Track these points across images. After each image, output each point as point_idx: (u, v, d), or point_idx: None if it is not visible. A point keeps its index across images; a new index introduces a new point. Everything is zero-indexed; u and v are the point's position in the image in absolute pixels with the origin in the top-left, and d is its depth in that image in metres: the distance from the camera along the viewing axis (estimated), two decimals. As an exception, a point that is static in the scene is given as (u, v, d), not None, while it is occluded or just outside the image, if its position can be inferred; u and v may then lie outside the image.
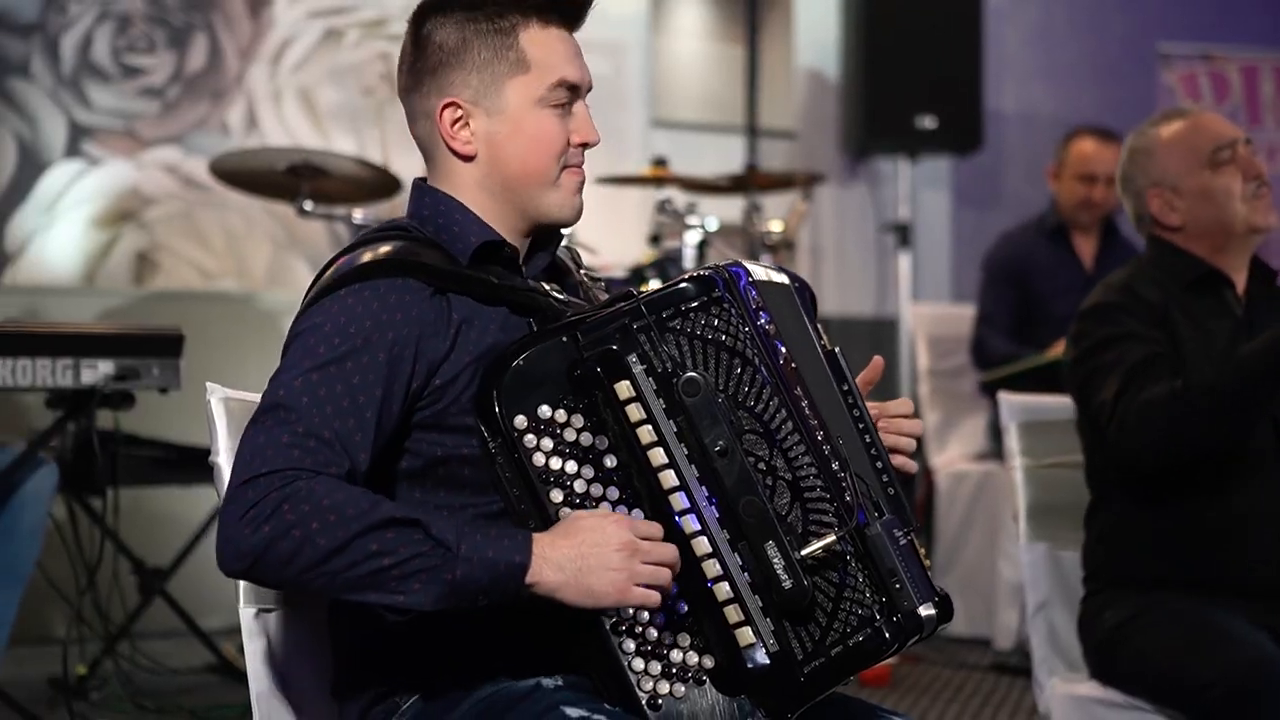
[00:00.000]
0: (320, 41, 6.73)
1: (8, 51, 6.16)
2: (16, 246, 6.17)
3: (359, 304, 2.05)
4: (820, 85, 7.50)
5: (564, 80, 2.18)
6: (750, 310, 2.07)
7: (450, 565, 1.93)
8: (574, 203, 2.22)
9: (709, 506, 2.02)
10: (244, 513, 1.92)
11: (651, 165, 4.72)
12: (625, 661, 2.02)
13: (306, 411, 1.98)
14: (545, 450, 2.02)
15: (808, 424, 2.06)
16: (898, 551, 2.07)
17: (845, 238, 7.59)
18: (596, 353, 2.03)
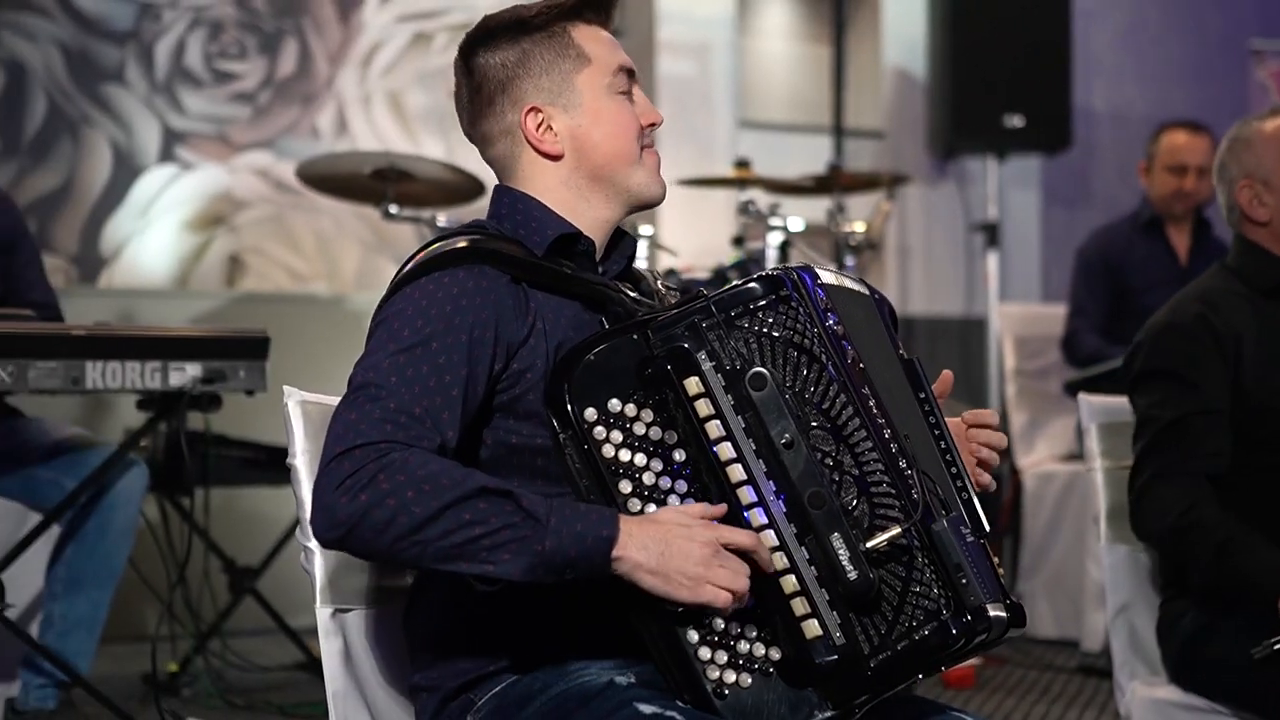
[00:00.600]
0: (409, 45, 6.80)
1: (103, 59, 6.27)
2: (112, 250, 6.28)
3: (439, 289, 2.11)
4: (908, 84, 7.48)
5: (622, 66, 2.27)
6: (818, 310, 2.10)
7: (540, 536, 1.96)
8: (659, 180, 2.30)
9: (776, 500, 2.04)
10: (340, 482, 1.96)
11: (735, 166, 4.72)
12: (692, 651, 2.03)
13: (396, 390, 2.03)
14: (615, 443, 2.05)
15: (874, 422, 2.07)
16: (965, 548, 2.07)
17: (933, 238, 7.56)
18: (666, 350, 2.06)
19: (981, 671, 4.97)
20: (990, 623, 2.06)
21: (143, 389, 3.55)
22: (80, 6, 6.23)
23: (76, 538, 3.77)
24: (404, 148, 6.63)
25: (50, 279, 6.04)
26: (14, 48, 6.12)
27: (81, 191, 6.24)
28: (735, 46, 7.27)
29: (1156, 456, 3.15)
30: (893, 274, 7.55)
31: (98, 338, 3.50)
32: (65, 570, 3.77)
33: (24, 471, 3.83)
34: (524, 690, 2.15)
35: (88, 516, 3.77)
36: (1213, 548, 3.01)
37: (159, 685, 3.78)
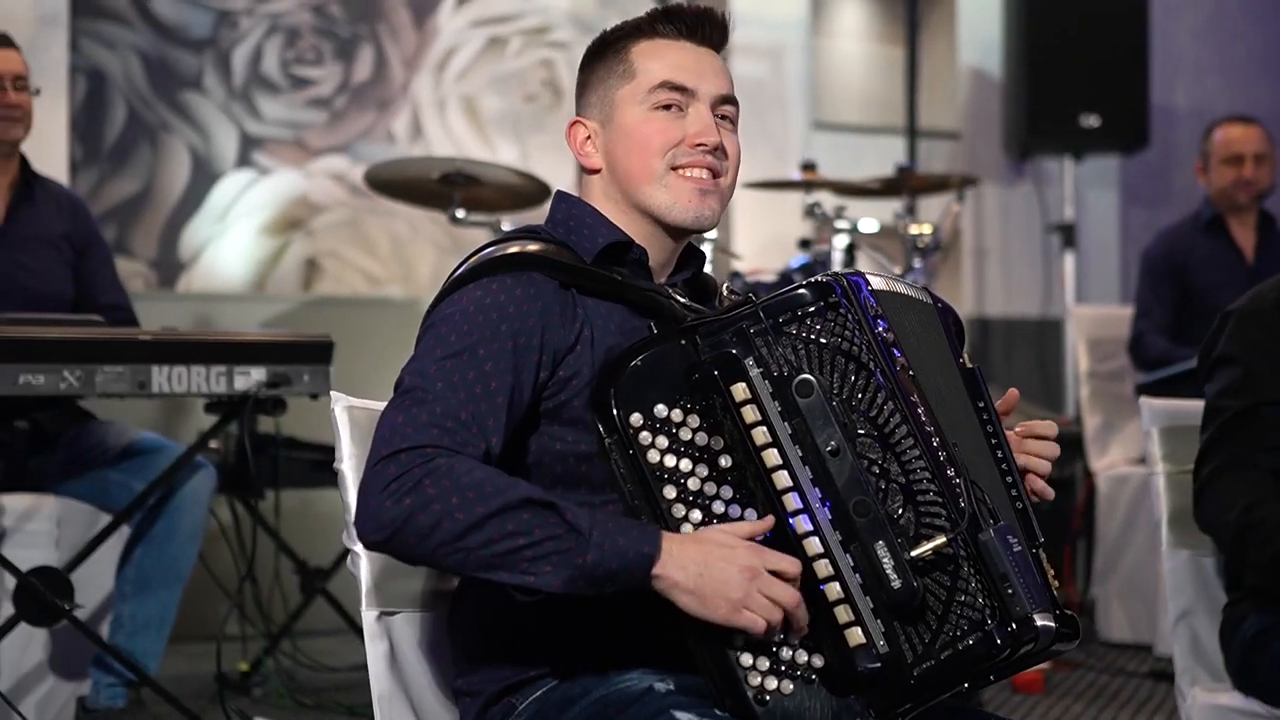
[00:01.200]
0: (483, 50, 6.84)
1: (182, 66, 6.36)
2: (190, 255, 6.36)
3: (487, 295, 2.13)
4: (984, 85, 7.44)
5: (667, 81, 2.22)
6: (868, 317, 2.10)
7: (582, 550, 1.98)
8: (689, 206, 2.24)
9: (821, 508, 2.04)
10: (385, 485, 1.99)
11: (802, 169, 4.72)
12: (734, 657, 2.03)
13: (442, 395, 2.05)
14: (660, 448, 2.05)
15: (922, 430, 2.07)
16: (1011, 558, 2.06)
17: (1010, 239, 7.51)
18: (714, 355, 2.06)
19: (1051, 676, 4.94)
20: (1037, 633, 2.05)
21: (208, 393, 3.60)
22: (159, 15, 6.32)
23: (145, 539, 3.83)
24: (478, 152, 6.67)
25: (129, 284, 6.17)
26: (95, 56, 6.21)
27: (160, 197, 6.33)
28: (809, 48, 7.25)
29: (1224, 447, 3.08)
30: (969, 275, 7.51)
31: (164, 342, 3.56)
32: (134, 571, 3.84)
33: (95, 474, 3.90)
34: (564, 695, 2.16)
35: (156, 518, 3.83)
36: (1272, 552, 2.97)
37: (226, 684, 3.83)
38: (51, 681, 3.90)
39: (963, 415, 2.19)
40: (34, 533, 3.86)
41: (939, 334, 2.24)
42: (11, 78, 4.07)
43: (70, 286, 4.15)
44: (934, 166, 7.30)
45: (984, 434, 2.20)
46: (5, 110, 4.04)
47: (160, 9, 6.32)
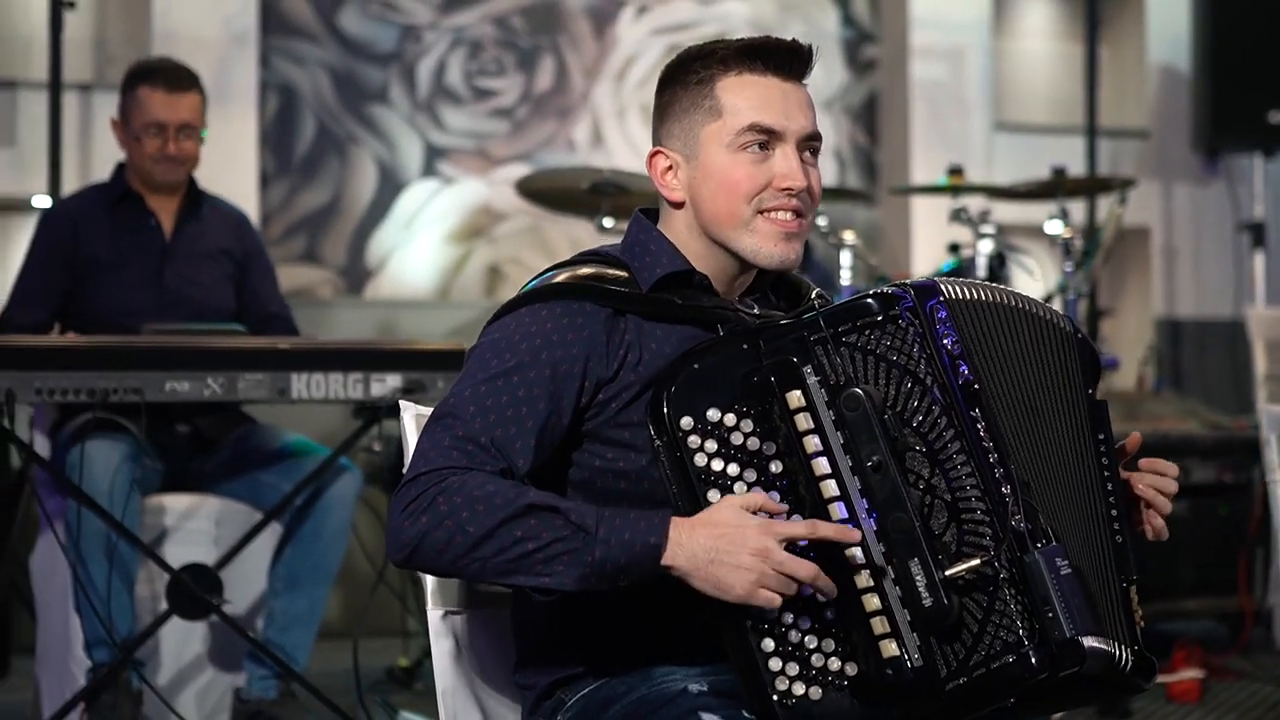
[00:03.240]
0: (663, 58, 6.92)
1: (368, 80, 6.58)
2: (377, 263, 6.58)
3: (534, 322, 2.18)
4: (1173, 81, 7.30)
5: (755, 124, 2.20)
6: (933, 330, 2.09)
7: (589, 547, 2.04)
8: (775, 250, 2.23)
9: (868, 519, 2.05)
10: (404, 507, 2.09)
11: (948, 174, 4.71)
12: (762, 660, 2.06)
13: (470, 419, 2.13)
14: (708, 452, 2.08)
15: (979, 445, 2.07)
16: (1056, 580, 2.04)
17: (1202, 238, 7.36)
18: (773, 361, 2.09)
19: (1211, 685, 4.84)
20: (1083, 655, 2.04)
21: (345, 399, 3.74)
22: (346, 31, 6.55)
23: (294, 539, 4.00)
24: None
25: (318, 291, 6.43)
26: (285, 72, 6.46)
27: (348, 207, 6.56)
28: (990, 49, 7.20)
29: None
30: (1159, 276, 7.38)
31: (302, 351, 3.71)
32: (284, 569, 4.00)
33: (250, 475, 4.09)
34: (609, 693, 2.23)
35: (304, 519, 3.99)
36: None
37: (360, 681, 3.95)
38: (210, 673, 4.08)
39: (1066, 439, 2.18)
40: (194, 531, 4.06)
41: (1053, 354, 2.22)
42: (177, 126, 4.19)
43: (233, 299, 4.34)
44: (1122, 166, 7.19)
45: (1097, 465, 2.19)
46: (166, 160, 4.21)
47: (347, 25, 6.55)
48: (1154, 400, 5.78)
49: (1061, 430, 2.18)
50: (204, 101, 4.30)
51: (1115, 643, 2.10)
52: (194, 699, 4.06)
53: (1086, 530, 2.16)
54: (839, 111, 7.13)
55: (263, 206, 6.35)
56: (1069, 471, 2.17)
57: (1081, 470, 2.18)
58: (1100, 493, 2.19)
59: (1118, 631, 2.13)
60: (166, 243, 4.26)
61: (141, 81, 4.19)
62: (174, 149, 4.18)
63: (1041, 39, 7.50)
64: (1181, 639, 5.18)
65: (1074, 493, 2.17)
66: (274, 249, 6.34)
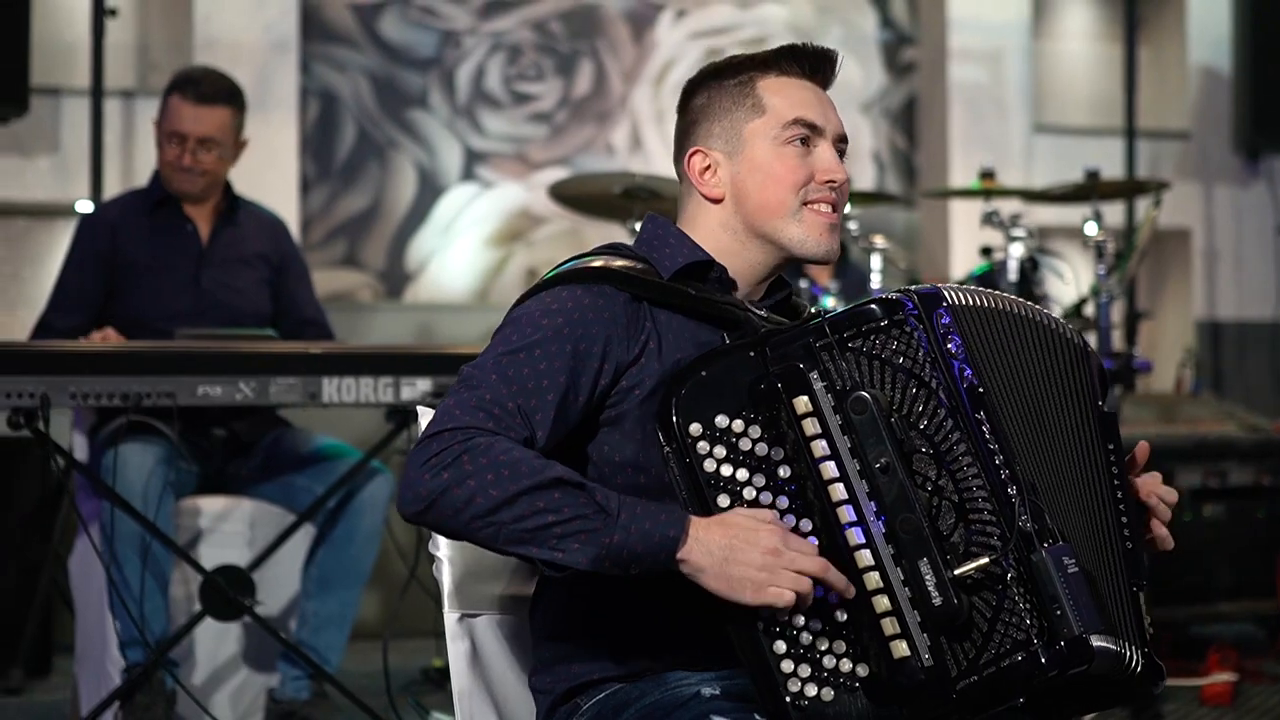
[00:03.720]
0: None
1: (408, 86, 6.63)
2: (416, 266, 6.63)
3: (555, 302, 2.23)
4: (1214, 83, 7.27)
5: (800, 119, 2.29)
6: (937, 335, 2.13)
7: (609, 530, 2.06)
8: (821, 240, 2.32)
9: (876, 521, 2.08)
10: (426, 460, 2.09)
11: (980, 177, 4.72)
12: (774, 662, 2.09)
13: (494, 385, 2.16)
14: (717, 457, 2.12)
15: (985, 447, 2.10)
16: (1064, 579, 2.07)
17: (1244, 240, 7.33)
18: (780, 368, 2.13)
19: (1245, 689, 4.83)
20: (1091, 654, 2.06)
21: (376, 403, 3.78)
22: (386, 37, 6.60)
23: (326, 541, 4.04)
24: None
25: (358, 294, 6.48)
26: (326, 79, 6.52)
27: (388, 211, 6.61)
28: (1030, 50, 7.19)
29: None
30: (1199, 278, 7.35)
31: (333, 355, 3.75)
32: (317, 571, 4.05)
33: (284, 478, 4.14)
34: (624, 698, 2.26)
35: (337, 521, 4.04)
36: None
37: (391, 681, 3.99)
38: (244, 673, 4.14)
39: (1073, 444, 2.20)
40: (229, 533, 4.11)
41: (1060, 362, 2.25)
42: (197, 138, 4.23)
43: (269, 303, 4.39)
44: (1163, 167, 7.18)
45: (1106, 473, 2.22)
46: (181, 170, 4.25)
47: (387, 31, 6.60)
48: (1192, 403, 5.76)
49: (1069, 435, 2.21)
50: (237, 116, 4.32)
51: (1124, 643, 2.12)
52: (228, 699, 4.11)
53: (1095, 533, 2.18)
54: (878, 114, 7.14)
55: (303, 211, 6.41)
56: (1076, 475, 2.20)
57: (1090, 475, 2.21)
58: (1110, 499, 2.21)
59: (1128, 634, 2.15)
60: (203, 248, 4.31)
61: (175, 89, 4.24)
62: (189, 160, 4.22)
63: (1081, 40, 7.48)
64: (1216, 642, 5.17)
65: (1082, 496, 2.19)
66: (314, 253, 6.41)
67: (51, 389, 3.55)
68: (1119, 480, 2.23)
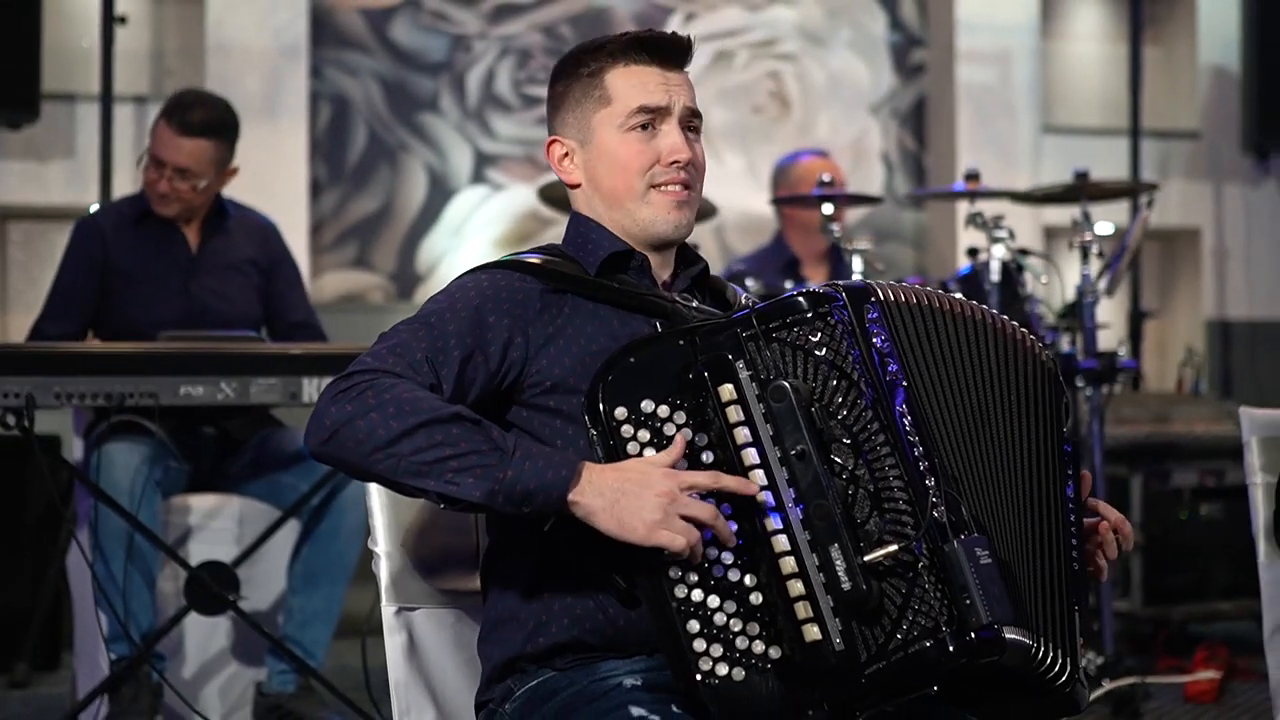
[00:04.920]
0: (711, 63, 7.02)
1: (419, 89, 6.72)
2: (427, 267, 6.72)
3: (470, 282, 2.36)
4: (1224, 82, 7.28)
5: (642, 106, 2.39)
6: (863, 329, 2.19)
7: (504, 465, 2.14)
8: (669, 219, 2.40)
9: (794, 508, 2.13)
10: (333, 395, 2.20)
11: (965, 179, 4.75)
12: (687, 641, 2.14)
13: (404, 339, 2.27)
14: (641, 440, 2.18)
15: (905, 439, 2.15)
16: (975, 570, 2.11)
17: (1253, 239, 7.33)
18: (707, 357, 2.19)
19: (1231, 686, 4.85)
20: (1000, 646, 2.10)
21: (355, 402, 3.85)
22: (397, 42, 6.69)
23: (311, 537, 4.12)
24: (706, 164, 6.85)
25: (369, 296, 6.57)
26: (338, 83, 6.62)
27: (399, 214, 6.70)
28: (1039, 51, 7.21)
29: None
30: (1209, 277, 7.36)
31: (313, 356, 3.84)
32: (302, 567, 4.13)
33: (271, 476, 4.22)
34: (553, 686, 2.32)
35: (321, 519, 4.12)
36: None
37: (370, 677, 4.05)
38: (233, 667, 4.22)
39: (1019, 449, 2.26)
40: (218, 530, 4.21)
41: (1013, 368, 2.30)
42: (174, 167, 4.26)
43: (259, 309, 4.47)
44: (1173, 167, 7.19)
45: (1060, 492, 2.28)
46: (158, 195, 4.31)
47: (398, 36, 6.69)
48: (1192, 402, 5.78)
49: (1015, 440, 2.25)
50: (221, 149, 4.31)
51: (1044, 641, 2.16)
52: (217, 692, 4.20)
53: (1032, 539, 2.23)
54: (887, 115, 7.18)
55: (314, 214, 6.50)
56: (1018, 480, 2.24)
57: (1036, 485, 2.25)
58: (1060, 517, 2.26)
59: (1055, 639, 2.19)
60: (192, 255, 4.39)
61: (164, 113, 4.29)
62: (165, 187, 4.28)
63: (1090, 41, 7.50)
64: (1207, 640, 5.19)
65: (1021, 501, 2.23)
66: (325, 255, 6.51)
67: (36, 389, 3.64)
68: (1074, 505, 2.28)
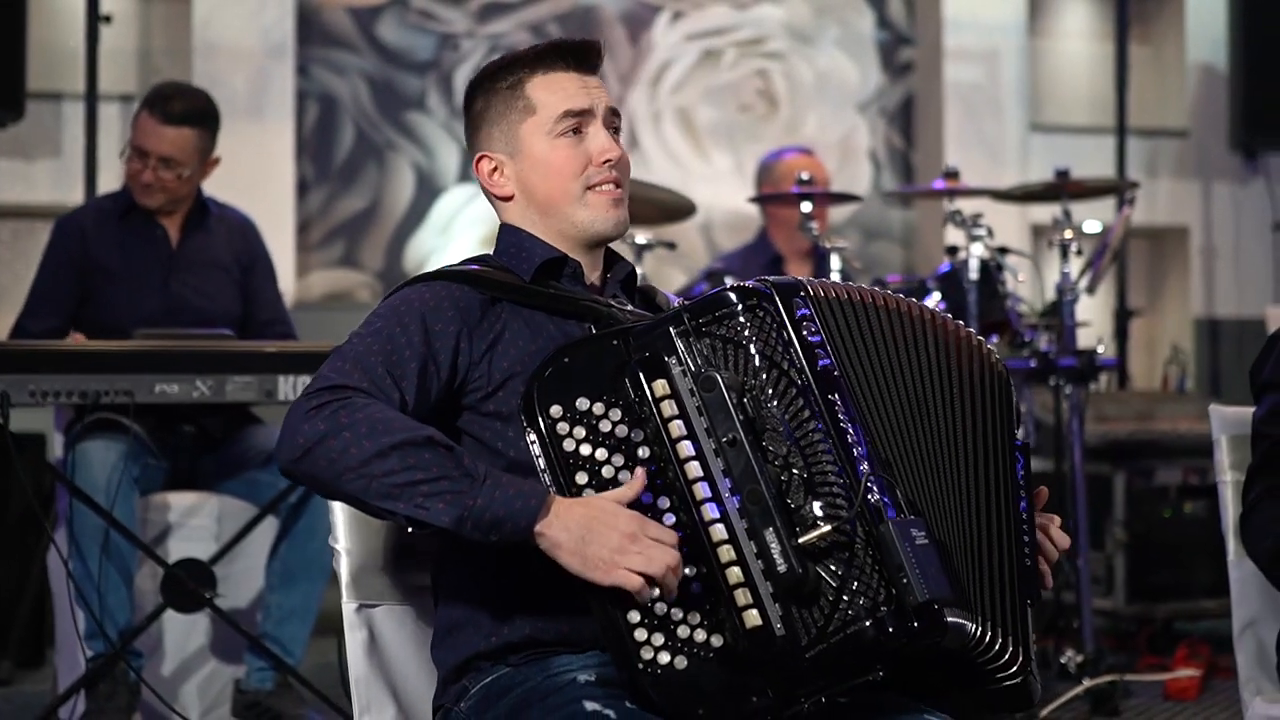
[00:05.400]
0: (698, 62, 7.03)
1: (406, 88, 6.73)
2: (414, 266, 6.73)
3: (413, 294, 2.37)
4: (1212, 81, 7.28)
5: (568, 111, 2.42)
6: (793, 321, 2.23)
7: (474, 493, 2.15)
8: (609, 217, 2.44)
9: (731, 498, 2.16)
10: (305, 411, 2.21)
11: (944, 176, 4.76)
12: (627, 631, 2.16)
13: (362, 355, 2.29)
14: (577, 438, 2.21)
15: (837, 427, 2.18)
16: (911, 549, 2.13)
17: (1241, 237, 7.34)
18: (641, 354, 2.23)
19: (1212, 684, 4.86)
20: (940, 625, 2.11)
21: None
22: (385, 40, 6.70)
23: (289, 536, 4.13)
24: (694, 163, 6.88)
25: (356, 294, 6.58)
26: (325, 82, 6.63)
27: (386, 212, 6.71)
28: (1026, 50, 7.22)
29: (1265, 475, 3.07)
30: (1198, 275, 7.37)
31: (288, 354, 3.85)
32: (280, 565, 4.14)
33: (249, 474, 4.24)
34: (507, 683, 2.34)
35: (299, 516, 4.13)
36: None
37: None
38: (212, 664, 4.24)
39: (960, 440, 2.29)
40: (196, 528, 4.22)
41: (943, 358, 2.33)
42: (159, 157, 4.29)
43: (239, 306, 4.48)
44: (1161, 166, 7.20)
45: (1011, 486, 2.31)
46: (142, 185, 4.34)
47: (385, 35, 6.71)
48: (1176, 400, 5.79)
49: (955, 429, 2.29)
50: (204, 138, 4.35)
51: (988, 625, 2.18)
52: (196, 689, 4.22)
53: (976, 527, 2.25)
54: (874, 114, 7.19)
55: (301, 212, 6.52)
56: (960, 468, 2.27)
57: (981, 475, 2.29)
58: (1011, 510, 2.30)
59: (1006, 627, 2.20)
60: (172, 252, 4.41)
61: (146, 104, 4.33)
62: (150, 177, 4.30)
63: (1078, 40, 7.50)
64: (1188, 638, 5.21)
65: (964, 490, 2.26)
66: (313, 254, 6.52)
67: (11, 386, 3.66)
68: (1026, 501, 2.31)
